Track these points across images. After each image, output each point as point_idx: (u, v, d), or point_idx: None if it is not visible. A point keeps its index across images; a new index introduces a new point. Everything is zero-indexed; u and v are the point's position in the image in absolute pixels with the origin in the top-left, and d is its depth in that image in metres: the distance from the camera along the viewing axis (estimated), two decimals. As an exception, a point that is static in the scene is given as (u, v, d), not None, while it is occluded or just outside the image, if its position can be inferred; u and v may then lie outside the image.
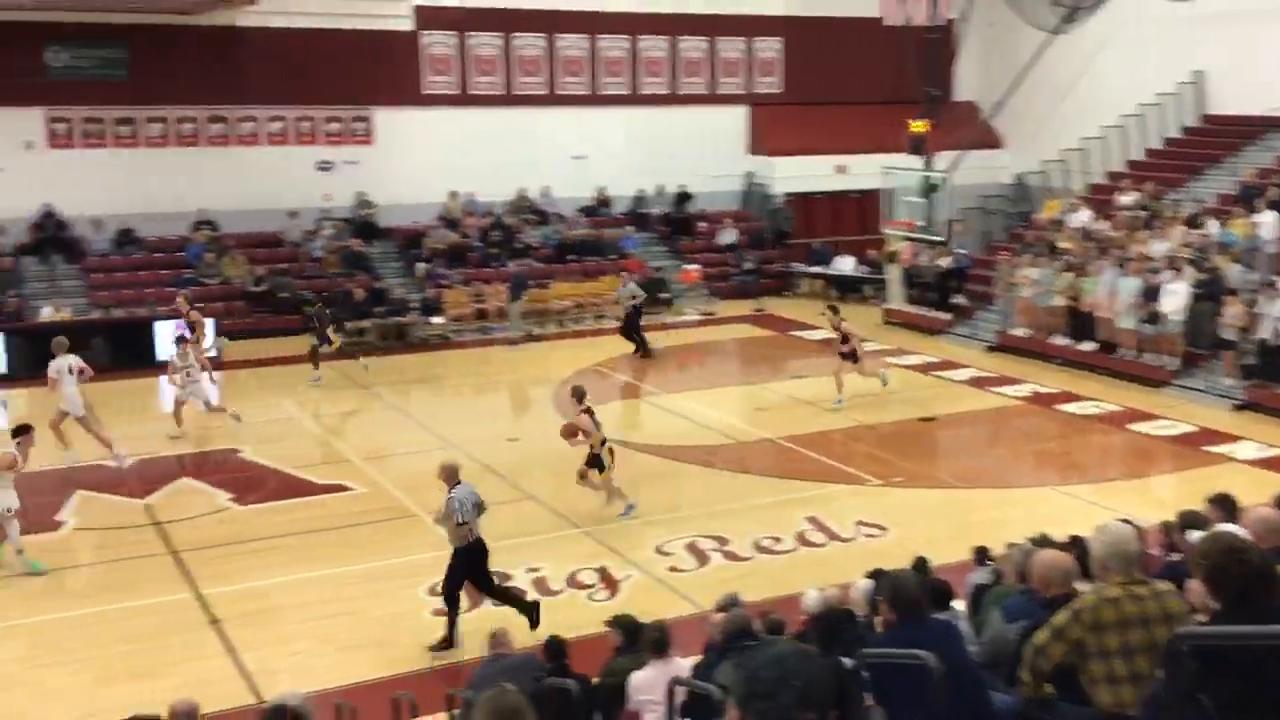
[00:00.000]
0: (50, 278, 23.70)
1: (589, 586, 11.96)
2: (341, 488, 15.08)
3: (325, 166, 26.63)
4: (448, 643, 10.48)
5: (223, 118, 25.81)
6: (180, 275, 24.28)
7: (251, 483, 15.36)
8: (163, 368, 21.31)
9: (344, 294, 23.82)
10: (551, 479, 15.28)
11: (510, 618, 10.37)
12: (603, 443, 13.78)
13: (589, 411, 13.84)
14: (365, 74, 26.44)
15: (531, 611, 10.78)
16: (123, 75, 24.74)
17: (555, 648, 8.15)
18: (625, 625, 8.24)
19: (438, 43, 27.73)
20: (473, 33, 27.97)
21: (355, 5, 25.95)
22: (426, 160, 27.11)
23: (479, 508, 10.87)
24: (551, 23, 28.62)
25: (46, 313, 22.16)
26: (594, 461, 13.72)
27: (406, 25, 27.15)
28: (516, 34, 28.43)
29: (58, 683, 10.02)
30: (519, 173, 28.13)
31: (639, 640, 7.69)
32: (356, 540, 13.26)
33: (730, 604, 8.23)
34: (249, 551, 12.91)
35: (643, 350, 22.68)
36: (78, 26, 24.08)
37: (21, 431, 12.94)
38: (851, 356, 18.83)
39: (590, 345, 23.49)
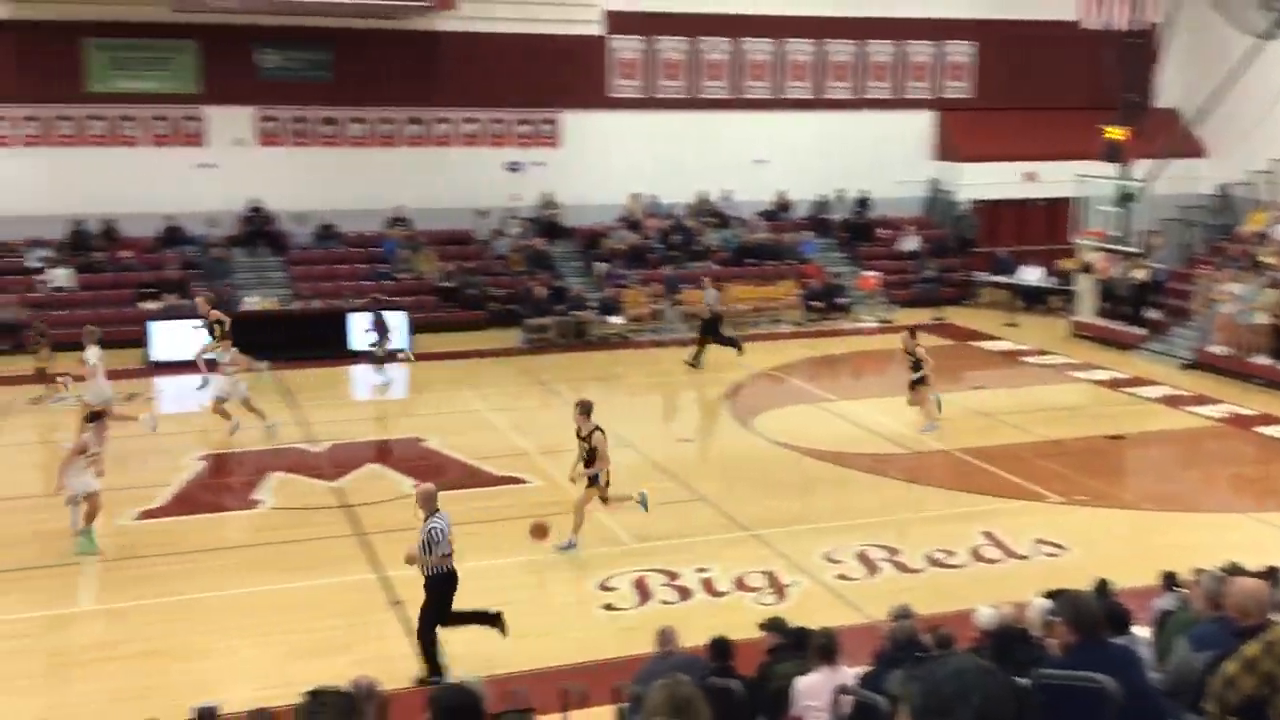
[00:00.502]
0: (257, 268, 25.05)
1: (756, 590, 11.99)
2: (518, 480, 15.48)
3: (514, 167, 27.37)
4: (438, 670, 10.05)
5: (420, 119, 26.81)
6: (375, 269, 25.34)
7: (434, 470, 15.89)
8: (355, 357, 22.36)
9: (526, 291, 24.44)
10: (722, 480, 15.37)
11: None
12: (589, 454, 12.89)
13: (599, 429, 12.97)
14: (554, 77, 27.07)
15: (496, 621, 10.49)
16: (328, 77, 25.98)
17: (721, 648, 8.20)
18: (780, 628, 8.24)
19: (625, 47, 28.14)
20: (660, 36, 28.29)
21: (547, 10, 26.60)
22: (610, 162, 27.58)
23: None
24: (738, 27, 28.70)
25: (252, 301, 23.43)
26: (594, 478, 12.94)
27: (596, 30, 27.66)
28: (703, 38, 28.62)
29: (249, 654, 10.59)
30: (700, 176, 28.32)
31: (804, 645, 7.69)
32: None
33: (902, 615, 8.15)
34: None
35: (695, 362, 22.05)
36: (287, 30, 25.38)
37: (96, 417, 13.28)
38: (919, 381, 17.81)
39: (766, 349, 23.46)
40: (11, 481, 15.36)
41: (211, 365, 18.44)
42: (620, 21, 27.79)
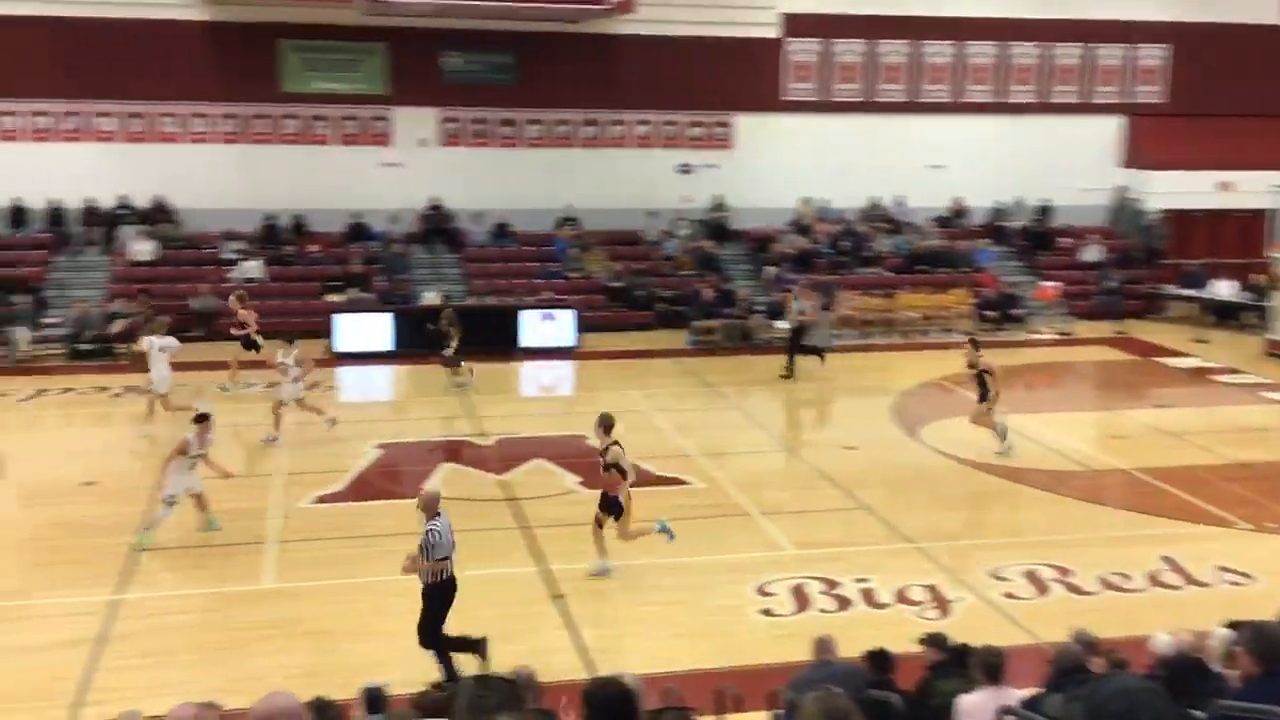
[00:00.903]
0: (434, 264, 25.83)
1: (918, 604, 11.76)
2: (680, 481, 15.54)
3: (685, 170, 27.52)
4: (453, 677, 9.73)
5: (595, 121, 27.22)
6: (546, 268, 25.82)
7: (599, 469, 16.08)
8: (525, 354, 22.83)
9: (694, 293, 24.53)
10: (886, 490, 15.12)
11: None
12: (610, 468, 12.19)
13: (617, 443, 12.28)
14: (729, 80, 27.12)
15: (479, 648, 10.04)
16: (509, 79, 26.61)
17: (881, 660, 8.07)
18: (941, 644, 8.05)
19: (801, 49, 27.97)
20: (837, 39, 28.03)
21: (724, 14, 26.66)
22: (782, 165, 27.46)
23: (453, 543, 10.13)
24: (917, 29, 28.22)
25: (429, 296, 24.16)
26: (610, 505, 12.21)
27: (772, 32, 27.57)
28: (881, 40, 28.23)
29: (412, 640, 10.90)
30: (873, 180, 27.94)
31: (966, 662, 7.49)
32: (692, 533, 13.61)
33: (1081, 639, 7.84)
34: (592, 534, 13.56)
35: (788, 372, 21.48)
36: (471, 34, 26.10)
37: (201, 419, 13.39)
38: (981, 397, 16.90)
39: (935, 358, 22.97)
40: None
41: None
42: (797, 24, 27.64)
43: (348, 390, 21.30)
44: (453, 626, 10.06)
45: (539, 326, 23.51)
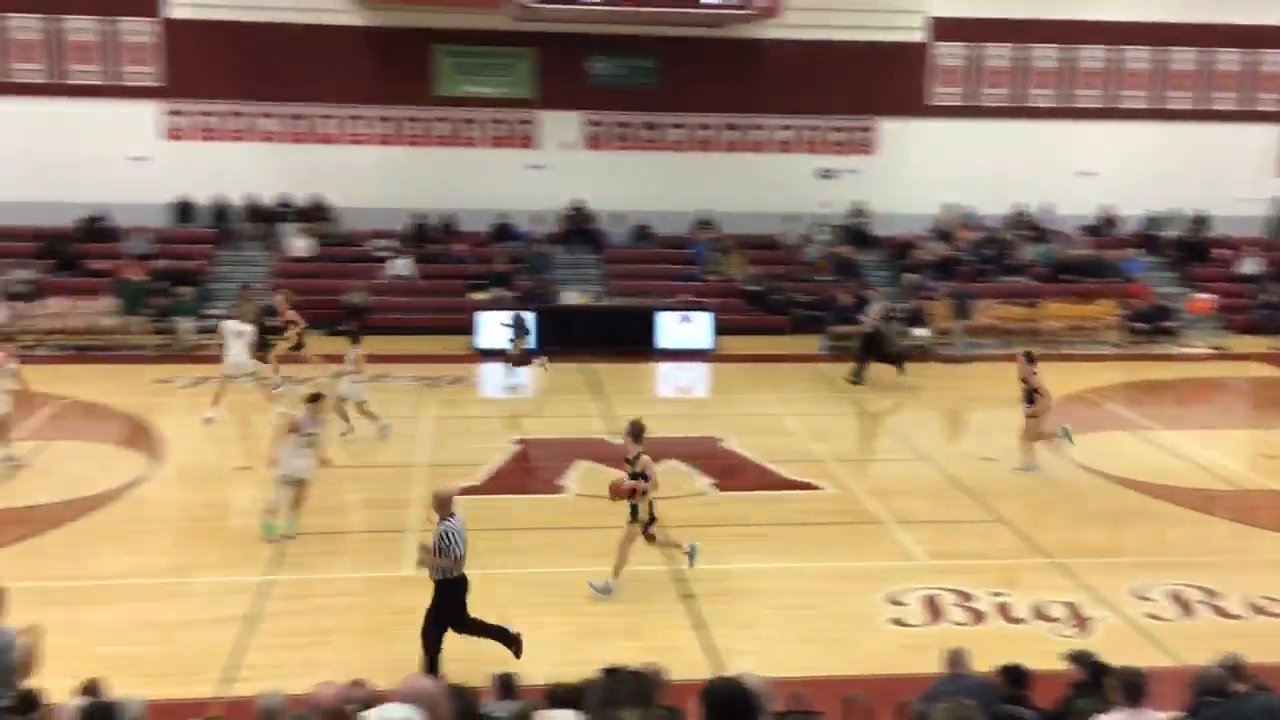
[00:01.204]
0: (575, 265, 26.26)
1: (1055, 620, 11.53)
2: (812, 486, 15.51)
3: (827, 174, 27.39)
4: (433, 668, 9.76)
5: (736, 125, 27.32)
6: (684, 270, 26.01)
7: (731, 471, 16.20)
8: (661, 355, 23.03)
9: (831, 299, 24.40)
10: (1024, 504, 14.85)
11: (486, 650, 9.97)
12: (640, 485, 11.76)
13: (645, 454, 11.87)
14: (873, 84, 26.92)
15: (513, 642, 10.12)
16: (653, 84, 26.89)
17: (1016, 676, 7.96)
18: (1088, 662, 7.90)
19: (948, 53, 27.57)
20: (985, 43, 27.55)
21: (869, 18, 26.46)
22: (925, 171, 27.12)
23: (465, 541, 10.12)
24: (1070, 33, 27.55)
25: (568, 297, 24.58)
26: (633, 512, 11.83)
27: (918, 36, 27.25)
28: (1031, 45, 27.64)
29: (550, 630, 11.15)
30: (1020, 187, 27.39)
31: (1105, 681, 7.36)
32: (824, 538, 13.63)
33: (1228, 663, 7.63)
34: (724, 535, 13.66)
35: (856, 378, 21.20)
36: (618, 39, 26.46)
37: (315, 399, 13.41)
38: (1032, 415, 16.25)
39: (1079, 370, 22.40)
40: (347, 451, 16.78)
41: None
42: (945, 28, 27.26)
43: (488, 386, 21.82)
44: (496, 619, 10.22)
45: (676, 328, 23.72)
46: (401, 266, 25.34)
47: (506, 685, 7.63)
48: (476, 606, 11.56)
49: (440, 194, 26.32)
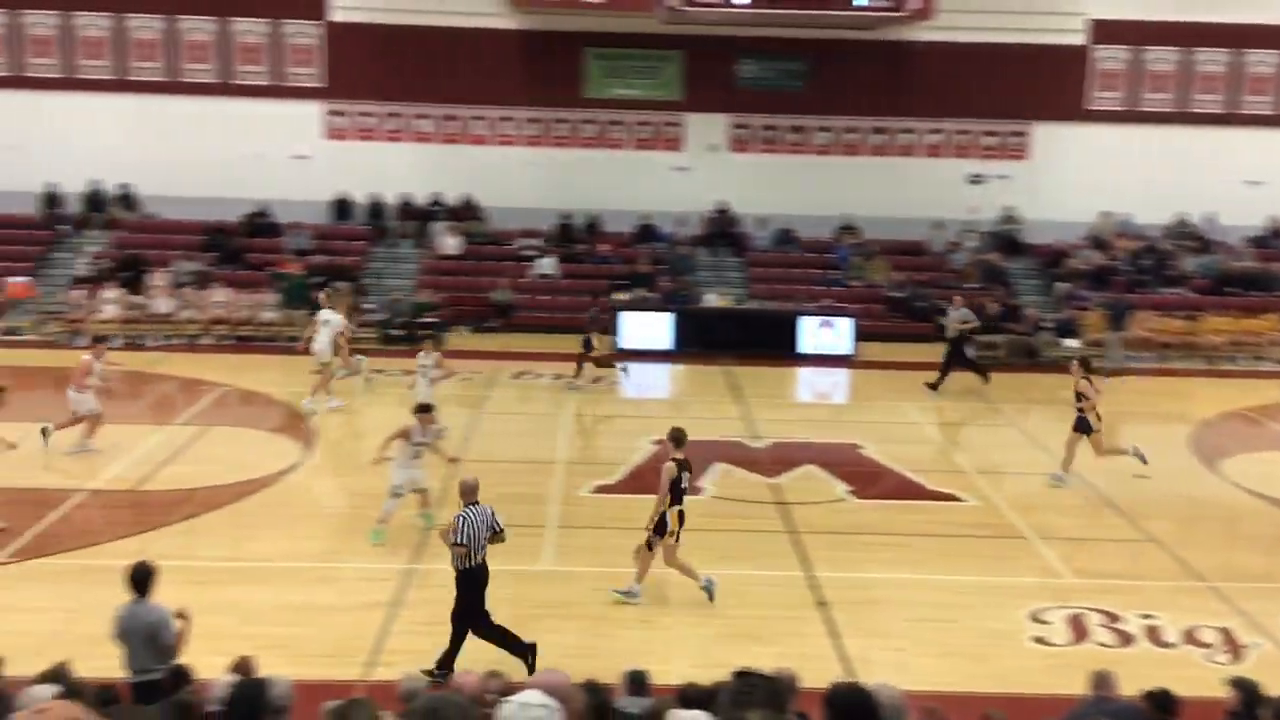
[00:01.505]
0: (717, 267, 26.29)
1: (1207, 646, 11.10)
2: (953, 497, 15.23)
3: (976, 180, 26.84)
4: (448, 663, 9.82)
5: (884, 129, 26.98)
6: (827, 275, 25.79)
7: (870, 478, 16.02)
8: (802, 359, 22.87)
9: (978, 307, 23.85)
10: (1178, 524, 14.32)
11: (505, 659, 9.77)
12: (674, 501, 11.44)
13: (674, 461, 11.48)
14: (1028, 88, 26.30)
15: (526, 654, 10.04)
16: (800, 86, 26.75)
17: (1164, 701, 7.69)
18: (1247, 689, 7.58)
19: (1109, 57, 26.73)
20: (1148, 47, 26.61)
21: (1026, 20, 25.83)
22: (1081, 178, 26.34)
23: (495, 533, 10.19)
24: (1238, 37, 26.47)
25: (710, 299, 24.61)
26: (659, 525, 11.47)
27: (1078, 39, 26.49)
28: (1197, 49, 26.60)
29: (682, 631, 11.20)
30: (1182, 195, 26.39)
31: (1259, 712, 7.07)
32: (964, 551, 13.37)
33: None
34: (861, 543, 13.53)
35: (936, 385, 20.55)
36: (766, 41, 26.38)
37: (424, 410, 13.32)
38: (1083, 425, 15.59)
39: (1242, 387, 21.48)
40: (489, 447, 17.15)
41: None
42: (1105, 31, 26.45)
43: (628, 386, 22.00)
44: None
45: (817, 333, 23.54)
46: (546, 265, 25.75)
47: (638, 682, 7.69)
48: (612, 603, 11.68)
49: (586, 194, 26.65)
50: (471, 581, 10.10)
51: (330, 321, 18.77)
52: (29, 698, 6.07)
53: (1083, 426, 15.67)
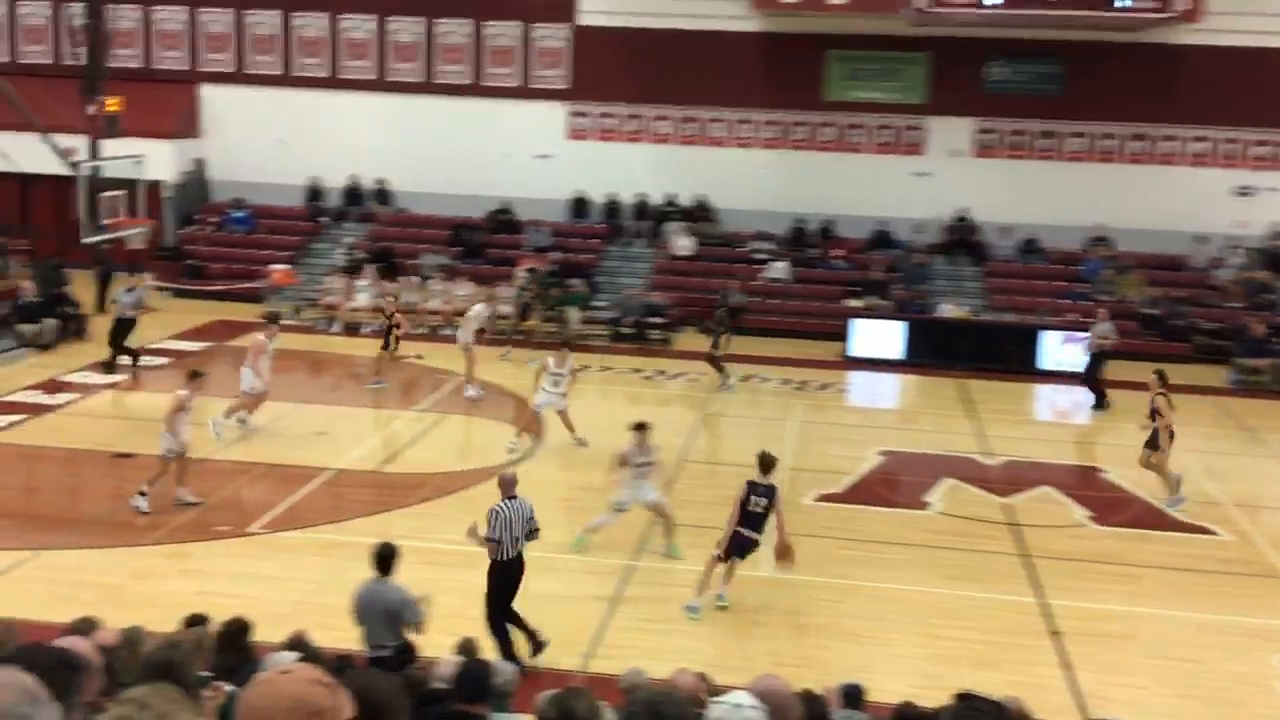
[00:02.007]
0: (954, 276, 25.51)
1: None
2: (1206, 530, 14.28)
3: (1245, 192, 25.09)
4: (515, 655, 9.85)
5: (1144, 135, 25.57)
6: (1073, 289, 24.64)
7: (1113, 505, 15.21)
8: (1042, 376, 21.89)
9: (1241, 328, 22.31)
10: None
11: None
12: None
13: (759, 487, 11.25)
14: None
15: (536, 643, 10.12)
16: (1055, 90, 25.67)
17: None
18: None
19: (1404, 60, 24.50)
20: None
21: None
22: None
23: (530, 529, 10.15)
24: None
25: (945, 309, 23.89)
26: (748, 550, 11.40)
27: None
28: None
29: (902, 649, 10.91)
30: None
31: None
32: (1214, 588, 12.51)
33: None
34: (1100, 573, 12.85)
35: (1099, 403, 19.36)
36: (1018, 43, 25.42)
37: (640, 427, 12.88)
38: (1152, 442, 14.98)
39: None
40: (711, 449, 17.17)
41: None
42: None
43: (857, 395, 21.64)
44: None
45: (1060, 348, 22.49)
46: (778, 269, 25.59)
47: (853, 697, 7.52)
48: (831, 614, 11.49)
49: (821, 199, 26.34)
50: (502, 575, 10.14)
51: (477, 316, 19.50)
52: (273, 661, 6.42)
53: (1152, 442, 15.19)
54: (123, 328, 19.59)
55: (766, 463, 11.38)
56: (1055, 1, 23.25)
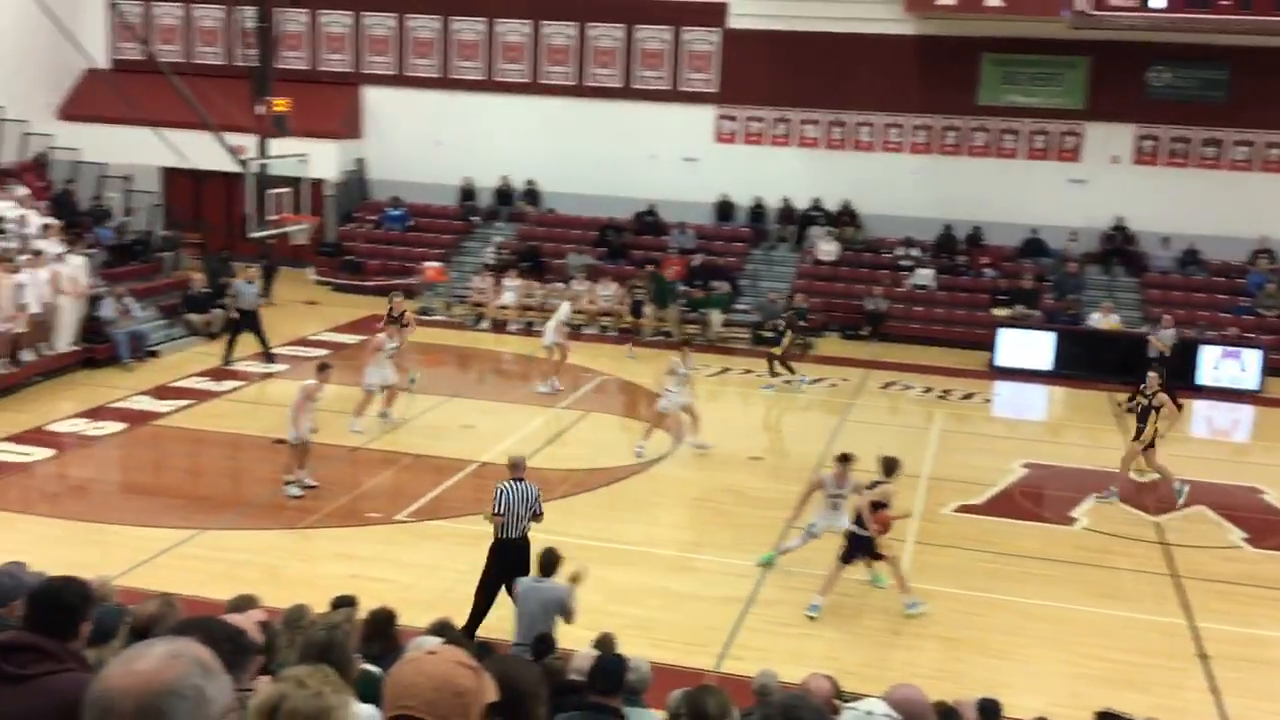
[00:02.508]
0: (1108, 287, 24.76)
1: None
2: (1372, 559, 13.62)
3: None
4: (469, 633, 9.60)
5: (1314, 145, 24.44)
6: (1236, 302, 23.70)
7: (1270, 528, 14.63)
8: (1199, 391, 21.10)
9: None
10: None
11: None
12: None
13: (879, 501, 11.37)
14: None
15: (472, 629, 9.93)
16: (1220, 97, 24.71)
17: None
18: None
19: None
20: None
21: None
22: None
23: (534, 511, 10.40)
24: None
25: (1095, 319, 23.20)
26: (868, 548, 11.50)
27: None
28: None
29: (1042, 665, 10.72)
30: None
31: None
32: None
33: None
34: (1255, 596, 12.40)
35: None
36: (1184, 48, 24.54)
37: (843, 459, 12.18)
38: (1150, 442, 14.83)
39: None
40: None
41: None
42: None
43: (1002, 406, 21.22)
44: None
45: (1219, 364, 21.67)
46: (924, 276, 25.24)
47: (989, 712, 7.46)
48: (971, 627, 11.35)
49: (970, 205, 25.86)
50: (501, 554, 10.34)
51: (563, 315, 19.60)
52: (419, 644, 6.71)
53: (1140, 434, 15.10)
54: (248, 320, 20.39)
55: (893, 466, 11.81)
56: (1222, 5, 22.39)
